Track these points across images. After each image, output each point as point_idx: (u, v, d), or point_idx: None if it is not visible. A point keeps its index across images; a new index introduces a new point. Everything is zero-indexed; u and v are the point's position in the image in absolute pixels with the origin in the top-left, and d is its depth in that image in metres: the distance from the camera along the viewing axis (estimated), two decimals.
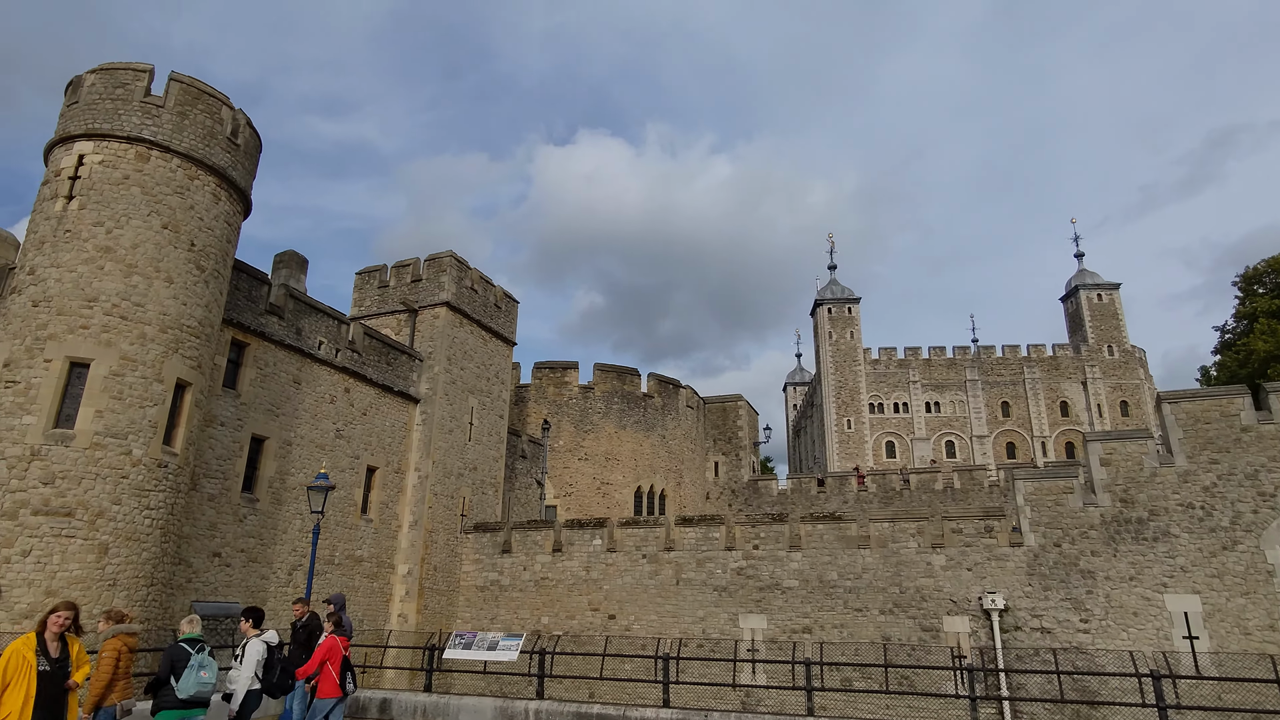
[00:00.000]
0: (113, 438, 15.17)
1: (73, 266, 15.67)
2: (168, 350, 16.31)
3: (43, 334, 15.22)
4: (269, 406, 20.89)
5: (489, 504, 28.46)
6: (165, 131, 17.00)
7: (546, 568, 25.00)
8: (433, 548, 25.19)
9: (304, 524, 21.66)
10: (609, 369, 35.60)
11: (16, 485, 14.29)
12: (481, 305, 29.22)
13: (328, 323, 23.23)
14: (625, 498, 33.85)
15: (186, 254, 16.94)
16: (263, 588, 20.19)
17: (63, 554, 14.28)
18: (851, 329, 67.35)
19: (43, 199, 16.57)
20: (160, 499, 15.95)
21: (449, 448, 26.54)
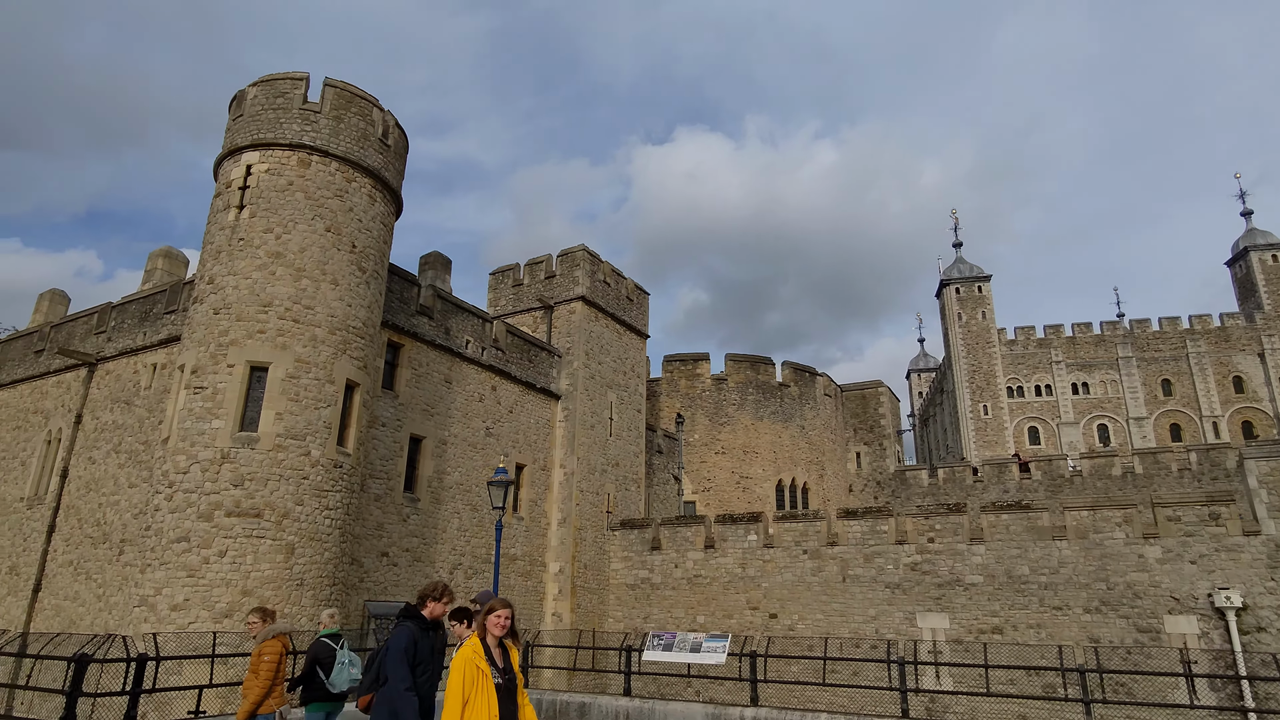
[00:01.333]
0: (293, 439, 15.37)
1: (247, 273, 16.01)
2: (337, 351, 16.45)
3: (224, 340, 15.60)
4: (424, 406, 21.01)
5: (632, 500, 27.91)
6: (323, 136, 17.20)
7: (699, 565, 24.13)
8: (582, 545, 24.83)
9: (461, 523, 21.69)
10: (742, 359, 34.44)
11: (210, 488, 14.65)
12: (614, 298, 28.72)
13: (473, 322, 23.24)
14: (766, 492, 32.60)
15: (349, 256, 17.08)
16: None
17: (255, 554, 14.54)
18: (983, 309, 63.21)
19: (215, 210, 17.08)
20: (337, 499, 16.08)
21: (591, 443, 26.14)
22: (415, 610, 5.83)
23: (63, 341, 23.25)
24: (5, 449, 23.37)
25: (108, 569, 18.88)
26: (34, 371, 23.71)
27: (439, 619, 5.93)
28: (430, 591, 5.94)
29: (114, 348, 21.76)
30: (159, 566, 14.31)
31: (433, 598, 5.93)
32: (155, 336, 20.79)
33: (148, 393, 20.21)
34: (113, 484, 19.83)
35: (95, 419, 21.23)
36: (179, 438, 15.09)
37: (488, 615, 5.17)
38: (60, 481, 21.06)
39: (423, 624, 5.73)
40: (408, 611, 5.80)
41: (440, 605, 5.89)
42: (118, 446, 20.24)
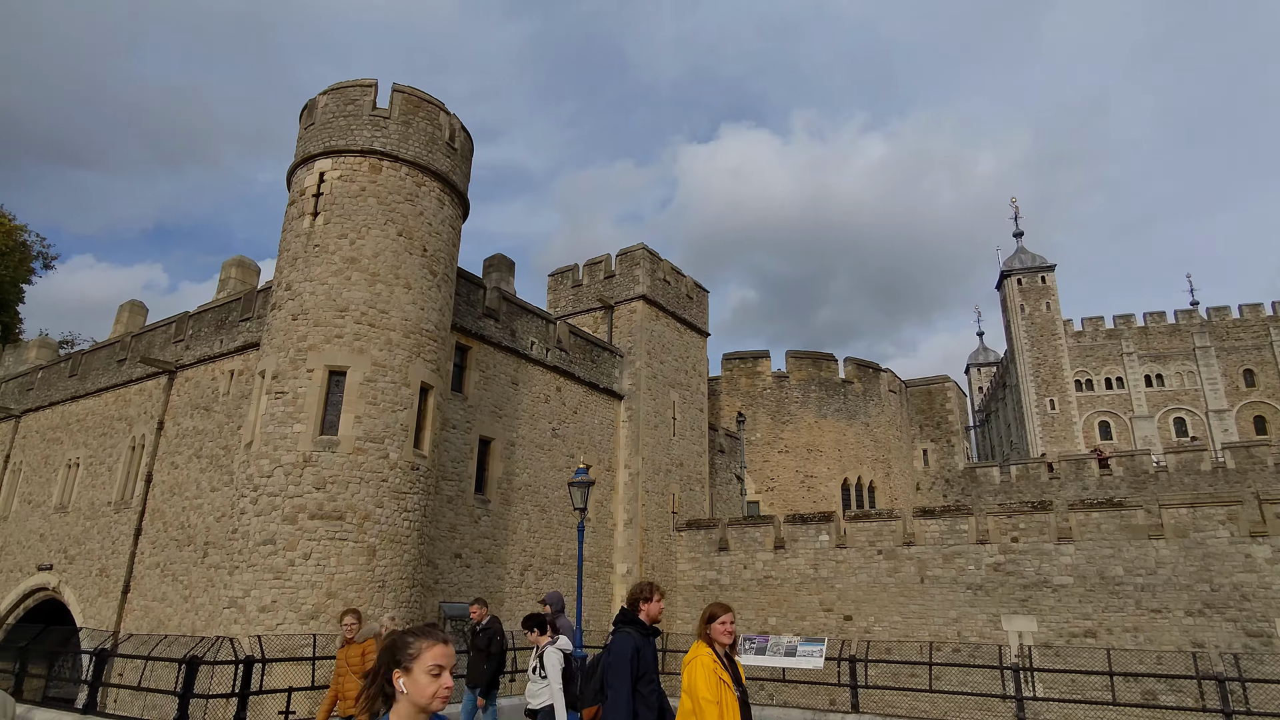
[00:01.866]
0: (371, 442, 15.49)
1: (324, 279, 16.21)
2: (411, 355, 16.55)
3: (303, 345, 15.81)
4: (493, 408, 21.06)
5: (697, 500, 27.60)
6: (393, 141, 17.33)
7: (769, 566, 23.69)
8: (649, 546, 24.62)
9: (531, 524, 21.69)
10: (803, 355, 33.83)
11: (294, 491, 14.85)
12: (674, 297, 28.46)
13: (537, 323, 23.23)
14: (831, 491, 31.94)
15: (420, 259, 17.17)
16: (499, 588, 20.31)
17: (338, 556, 14.67)
18: (1047, 300, 61.13)
19: (290, 218, 17.35)
20: (415, 501, 16.16)
21: (655, 444, 25.92)
22: (631, 615, 5.23)
23: (143, 351, 24.00)
24: (93, 455, 24.22)
25: (193, 571, 19.36)
26: (117, 380, 24.52)
27: (657, 621, 5.31)
28: (641, 593, 5.31)
29: (192, 355, 22.35)
30: (246, 569, 14.56)
31: (644, 599, 5.28)
32: (231, 344, 21.26)
33: (226, 399, 20.68)
34: (195, 488, 20.34)
35: (176, 425, 21.83)
36: (262, 442, 15.35)
37: (711, 623, 4.65)
38: (145, 486, 21.70)
39: (642, 629, 5.16)
40: (624, 617, 5.25)
41: (656, 605, 5.29)
42: (199, 451, 20.76)
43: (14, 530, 25.82)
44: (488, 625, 10.26)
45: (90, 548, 22.69)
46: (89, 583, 22.17)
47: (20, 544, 25.35)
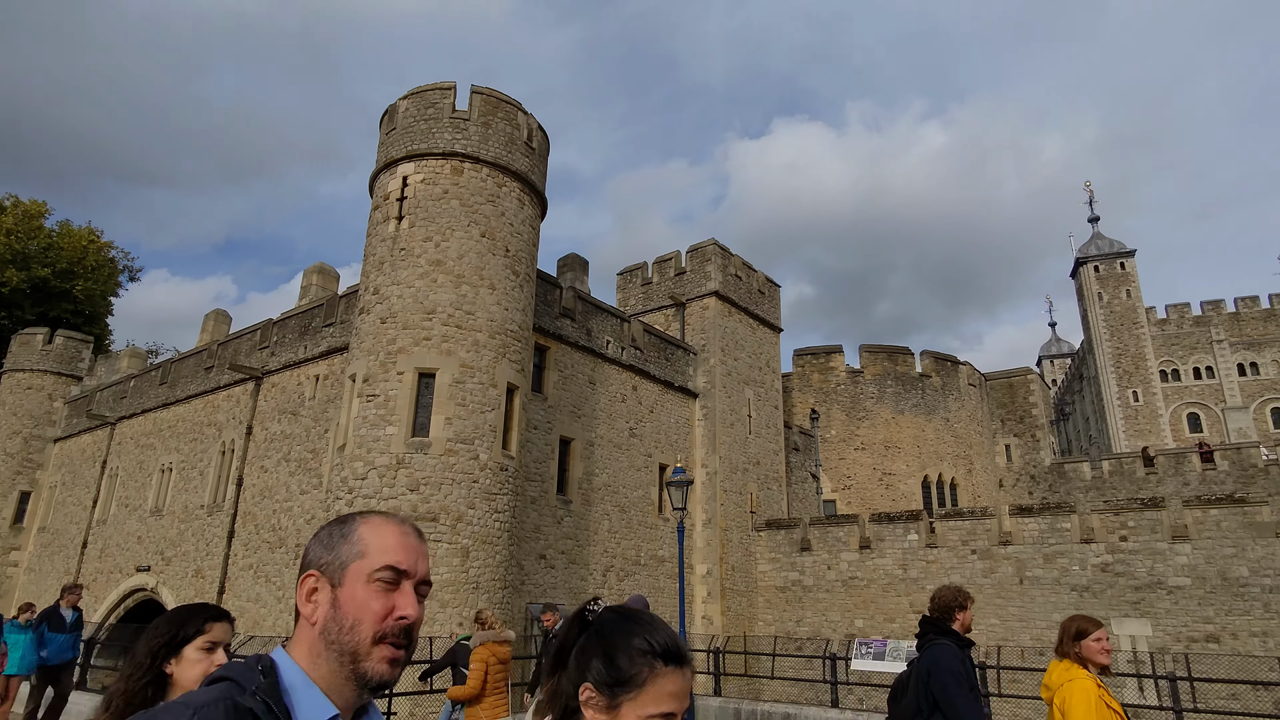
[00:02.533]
0: (462, 443, 15.48)
1: (410, 282, 16.27)
2: (497, 355, 16.50)
3: (393, 348, 15.90)
4: (571, 408, 20.93)
5: (774, 499, 27.04)
6: (474, 143, 17.32)
7: (854, 566, 23.01)
8: (728, 546, 24.19)
9: (611, 525, 21.50)
10: (877, 350, 32.91)
11: (388, 493, 14.92)
12: (746, 292, 27.95)
13: (612, 322, 23.04)
14: (911, 489, 30.97)
15: (503, 260, 17.12)
16: (583, 589, 20.15)
17: (433, 558, 14.64)
18: (1127, 287, 58.41)
19: (375, 223, 17.50)
20: (504, 502, 16.10)
21: (732, 442, 25.47)
22: (944, 624, 4.66)
23: (229, 358, 24.64)
24: (185, 460, 24.98)
25: (285, 572, 19.72)
26: (206, 387, 25.25)
27: (969, 631, 4.75)
28: (955, 600, 4.72)
29: (277, 361, 22.83)
30: None
31: (959, 606, 4.71)
32: (315, 349, 21.63)
33: (312, 403, 21.04)
34: (284, 491, 20.75)
35: (264, 429, 22.32)
36: (355, 444, 15.47)
37: (1081, 639, 4.04)
38: (236, 490, 22.26)
39: (959, 640, 4.64)
40: (936, 626, 4.69)
41: (969, 613, 4.74)
42: (287, 455, 21.17)
43: (113, 533, 26.84)
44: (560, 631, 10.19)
45: (185, 550, 23.39)
46: (185, 584, 22.84)
47: (119, 546, 26.32)
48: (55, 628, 10.32)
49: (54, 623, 10.40)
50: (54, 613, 10.55)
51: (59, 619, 10.48)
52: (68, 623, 10.50)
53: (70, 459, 30.73)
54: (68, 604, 10.65)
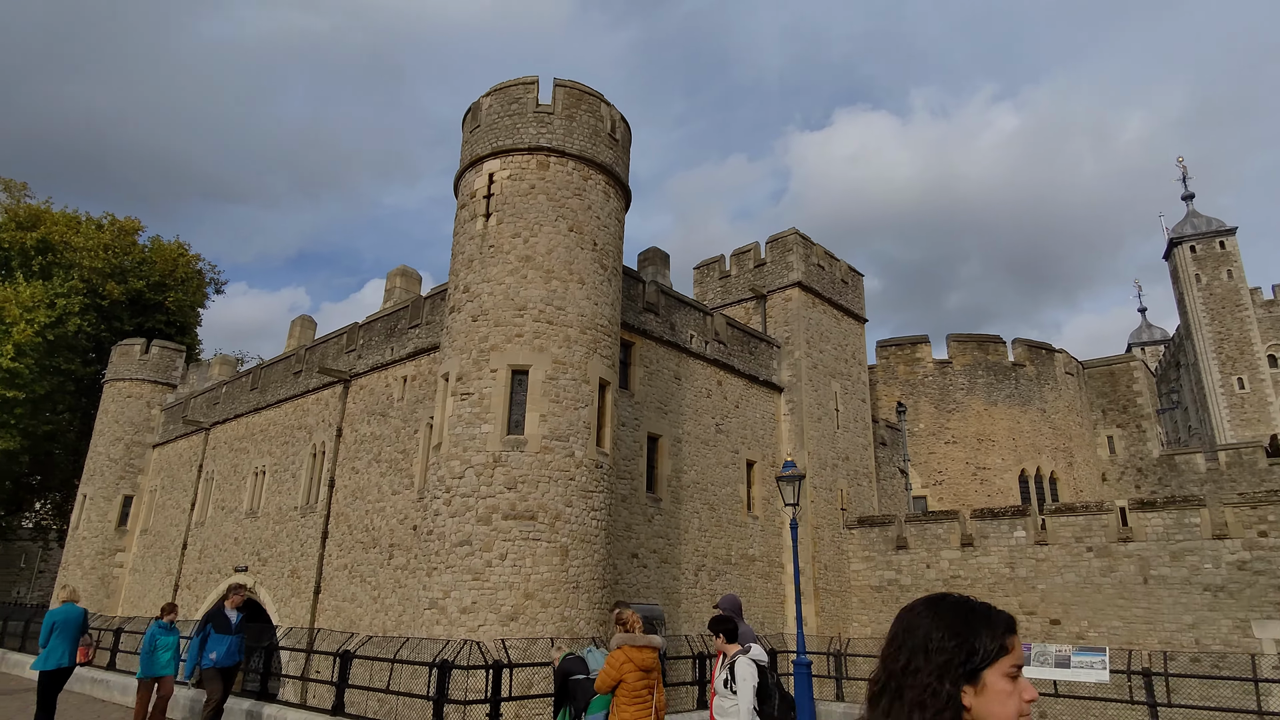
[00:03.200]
0: (557, 440, 15.20)
1: (500, 279, 16.10)
2: (589, 351, 16.18)
3: (485, 346, 15.74)
4: (658, 404, 20.51)
5: (864, 496, 26.09)
6: (558, 137, 17.06)
7: (956, 565, 21.93)
8: (820, 545, 23.39)
9: (701, 523, 20.99)
10: (966, 339, 31.50)
11: (485, 491, 14.74)
12: (829, 282, 27.07)
13: (695, 316, 22.54)
14: (1007, 484, 29.51)
15: (591, 254, 16.81)
16: (675, 589, 19.72)
17: (533, 557, 14.43)
18: (1228, 267, 54.84)
19: (462, 221, 17.41)
20: (600, 500, 15.77)
21: (820, 437, 24.65)
22: None
23: (317, 362, 25.09)
24: (277, 463, 25.55)
25: (380, 572, 19.87)
26: (294, 391, 25.78)
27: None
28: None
29: (364, 364, 23.10)
30: (445, 570, 14.55)
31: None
32: (402, 350, 21.77)
33: (401, 404, 21.17)
34: (376, 492, 20.93)
35: (354, 431, 22.60)
36: (451, 443, 15.36)
37: None
38: (328, 491, 22.59)
39: None
40: None
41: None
42: (377, 456, 21.36)
43: (211, 534, 27.69)
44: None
45: (281, 550, 23.89)
46: (281, 583, 23.32)
47: (217, 547, 27.13)
48: (221, 629, 10.09)
49: (219, 624, 10.15)
50: (219, 614, 10.36)
51: (224, 620, 10.26)
52: (233, 624, 10.26)
53: (168, 463, 31.91)
54: (232, 605, 10.48)
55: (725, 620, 7.57)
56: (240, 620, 10.37)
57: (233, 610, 10.38)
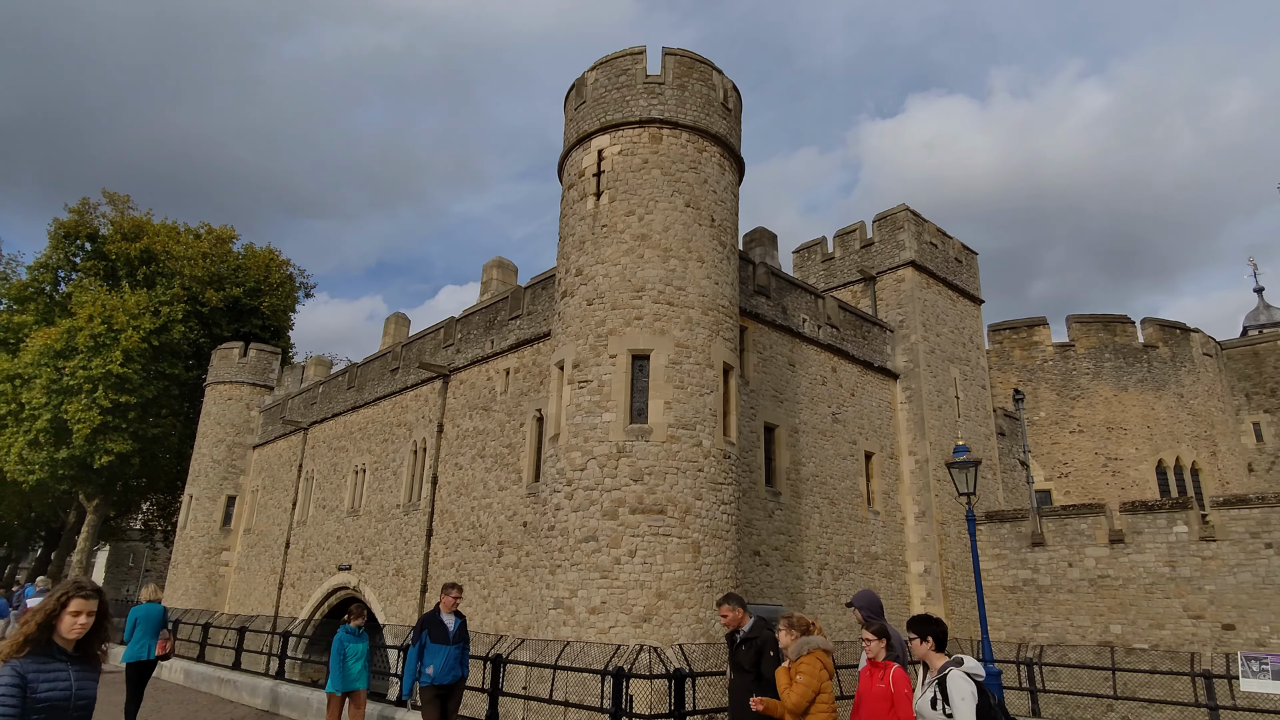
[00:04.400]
0: (683, 429, 14.20)
1: (616, 260, 15.21)
2: (711, 333, 15.14)
3: (602, 330, 14.87)
4: (773, 392, 19.31)
5: (989, 489, 24.27)
6: (670, 108, 16.08)
7: (1104, 563, 19.99)
8: (946, 542, 21.75)
9: (822, 518, 19.69)
10: (1090, 319, 29.16)
11: (610, 484, 13.85)
12: (943, 261, 25.33)
13: (806, 299, 21.25)
14: (1143, 475, 27.12)
15: (709, 230, 15.76)
16: (798, 588, 18.48)
17: (664, 553, 13.46)
18: None
19: (570, 203, 16.60)
20: (730, 492, 14.70)
21: (940, 426, 22.98)
22: None
23: (414, 358, 24.80)
24: (377, 461, 25.38)
25: (489, 570, 19.27)
26: (392, 388, 25.57)
27: None
28: None
29: (464, 358, 22.63)
30: (570, 568, 13.72)
31: None
32: (503, 343, 21.18)
33: (504, 397, 20.57)
34: (482, 488, 20.37)
35: (456, 427, 22.13)
36: (570, 434, 14.54)
37: None
38: (431, 488, 22.19)
39: None
40: None
41: None
42: (481, 451, 20.81)
43: (313, 534, 27.80)
44: (752, 633, 7.02)
45: (384, 549, 23.65)
46: (386, 582, 23.06)
47: (320, 546, 27.20)
48: (437, 637, 8.18)
49: (435, 631, 8.21)
50: (434, 619, 8.35)
51: (440, 626, 8.28)
52: (450, 631, 8.30)
53: (268, 464, 32.36)
54: (447, 607, 8.45)
55: (931, 622, 6.13)
56: (460, 626, 8.40)
57: (449, 614, 8.39)
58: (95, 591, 3.78)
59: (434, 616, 8.35)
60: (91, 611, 3.70)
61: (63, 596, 3.68)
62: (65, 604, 3.65)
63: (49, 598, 3.71)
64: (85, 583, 3.82)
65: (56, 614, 3.64)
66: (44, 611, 3.64)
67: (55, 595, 3.71)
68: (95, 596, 3.75)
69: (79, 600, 3.67)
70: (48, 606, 3.65)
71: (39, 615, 3.63)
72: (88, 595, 3.71)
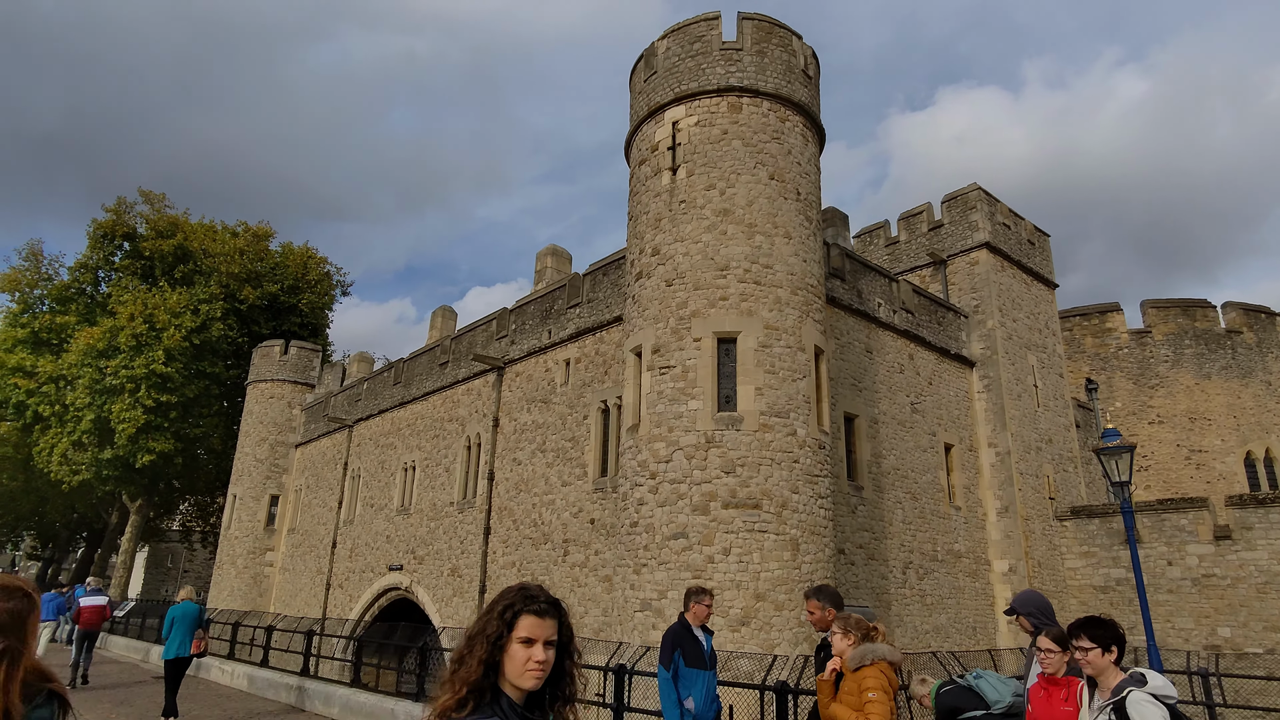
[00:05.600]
0: (776, 417, 13.17)
1: (696, 237, 14.22)
2: (801, 314, 14.10)
3: (684, 312, 13.88)
4: (851, 380, 18.21)
5: (1070, 483, 22.96)
6: (749, 75, 15.06)
7: (1209, 561, 18.65)
8: (1032, 539, 20.50)
9: (905, 514, 18.56)
10: (1168, 305, 27.68)
11: (700, 476, 12.86)
12: (1016, 243, 24.05)
13: (880, 282, 20.11)
14: (1230, 468, 25.63)
15: (795, 204, 14.73)
16: (884, 588, 17.36)
17: (760, 551, 12.45)
18: None
19: (643, 179, 15.63)
20: (826, 486, 13.66)
21: (1021, 417, 21.71)
22: None
23: (465, 352, 24.00)
24: (428, 457, 24.61)
25: (554, 570, 18.37)
26: (442, 383, 24.78)
27: None
28: None
29: (519, 350, 21.77)
30: (657, 567, 12.75)
31: None
32: (562, 333, 20.28)
33: (565, 389, 19.66)
34: (543, 483, 19.48)
35: (513, 421, 21.27)
36: (651, 424, 13.57)
37: None
38: (488, 485, 21.35)
39: None
40: None
41: None
42: (541, 446, 19.92)
43: (360, 533, 27.11)
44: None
45: (438, 548, 22.86)
46: (441, 583, 22.26)
47: (368, 545, 26.50)
48: (693, 660, 6.07)
49: (690, 651, 6.08)
50: (687, 634, 6.17)
51: (695, 645, 6.15)
52: (706, 650, 6.23)
53: (312, 462, 31.78)
54: (699, 618, 6.26)
55: (1106, 625, 4.83)
56: (711, 647, 6.35)
57: (700, 628, 6.27)
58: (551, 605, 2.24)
59: (685, 632, 6.20)
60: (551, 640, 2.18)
61: (508, 611, 2.18)
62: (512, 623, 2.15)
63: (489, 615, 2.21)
64: (535, 591, 2.25)
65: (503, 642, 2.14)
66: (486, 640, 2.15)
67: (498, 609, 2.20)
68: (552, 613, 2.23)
69: (531, 619, 2.16)
70: (489, 631, 2.15)
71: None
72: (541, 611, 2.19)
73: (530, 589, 2.22)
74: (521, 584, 2.25)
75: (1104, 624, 4.51)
